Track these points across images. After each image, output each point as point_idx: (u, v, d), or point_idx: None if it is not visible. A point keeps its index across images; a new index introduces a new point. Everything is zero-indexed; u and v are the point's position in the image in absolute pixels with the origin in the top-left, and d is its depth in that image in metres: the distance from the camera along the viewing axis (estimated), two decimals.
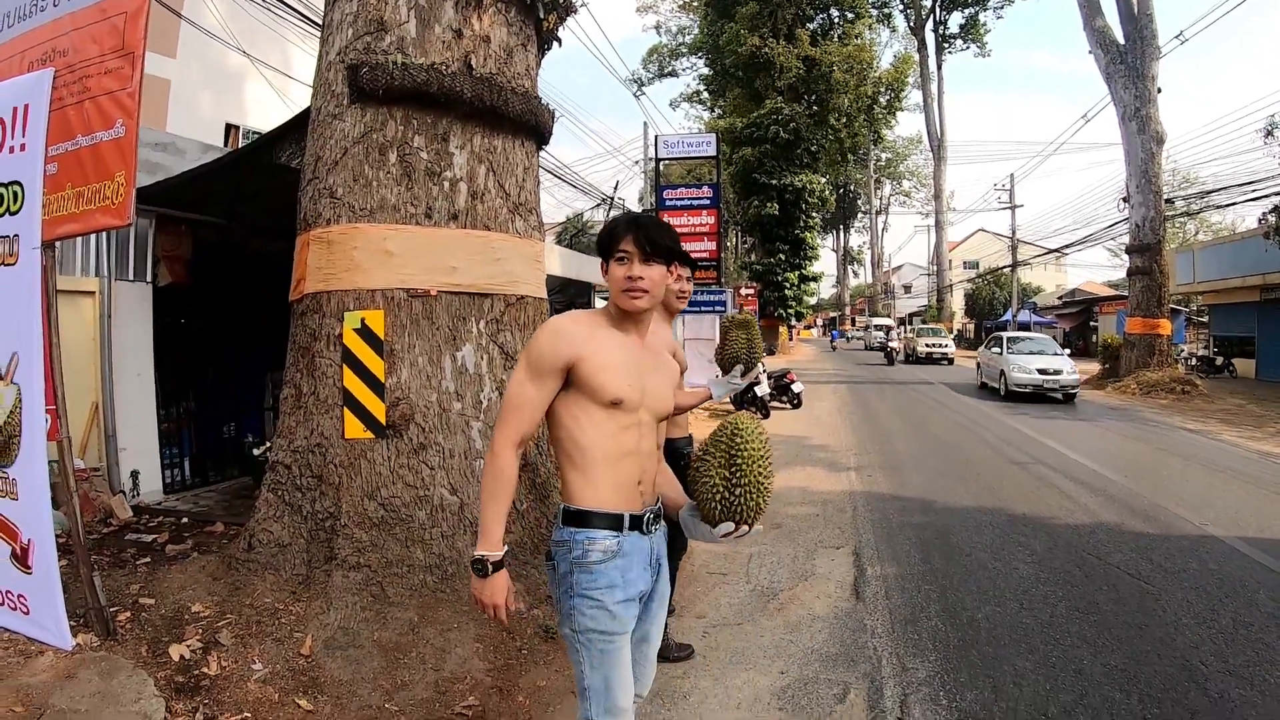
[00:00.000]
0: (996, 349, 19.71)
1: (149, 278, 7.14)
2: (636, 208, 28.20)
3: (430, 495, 4.21)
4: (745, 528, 2.12)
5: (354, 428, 4.19)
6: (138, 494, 6.88)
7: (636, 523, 2.17)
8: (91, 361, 6.64)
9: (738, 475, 2.06)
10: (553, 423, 2.18)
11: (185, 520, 6.17)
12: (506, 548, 2.13)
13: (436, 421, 4.29)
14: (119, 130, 3.68)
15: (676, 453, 4.02)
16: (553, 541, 2.21)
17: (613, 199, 23.89)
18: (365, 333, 4.22)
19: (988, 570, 5.40)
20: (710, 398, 3.61)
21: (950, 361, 32.13)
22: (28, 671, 3.43)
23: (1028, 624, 4.47)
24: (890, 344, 32.81)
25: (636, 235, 2.13)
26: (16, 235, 3.68)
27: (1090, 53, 21.48)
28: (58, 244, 4.15)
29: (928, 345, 33.07)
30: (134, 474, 6.89)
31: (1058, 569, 5.41)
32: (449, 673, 3.60)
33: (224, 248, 7.96)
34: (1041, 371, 17.44)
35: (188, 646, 3.67)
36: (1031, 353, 18.71)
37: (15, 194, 3.70)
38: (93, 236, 6.66)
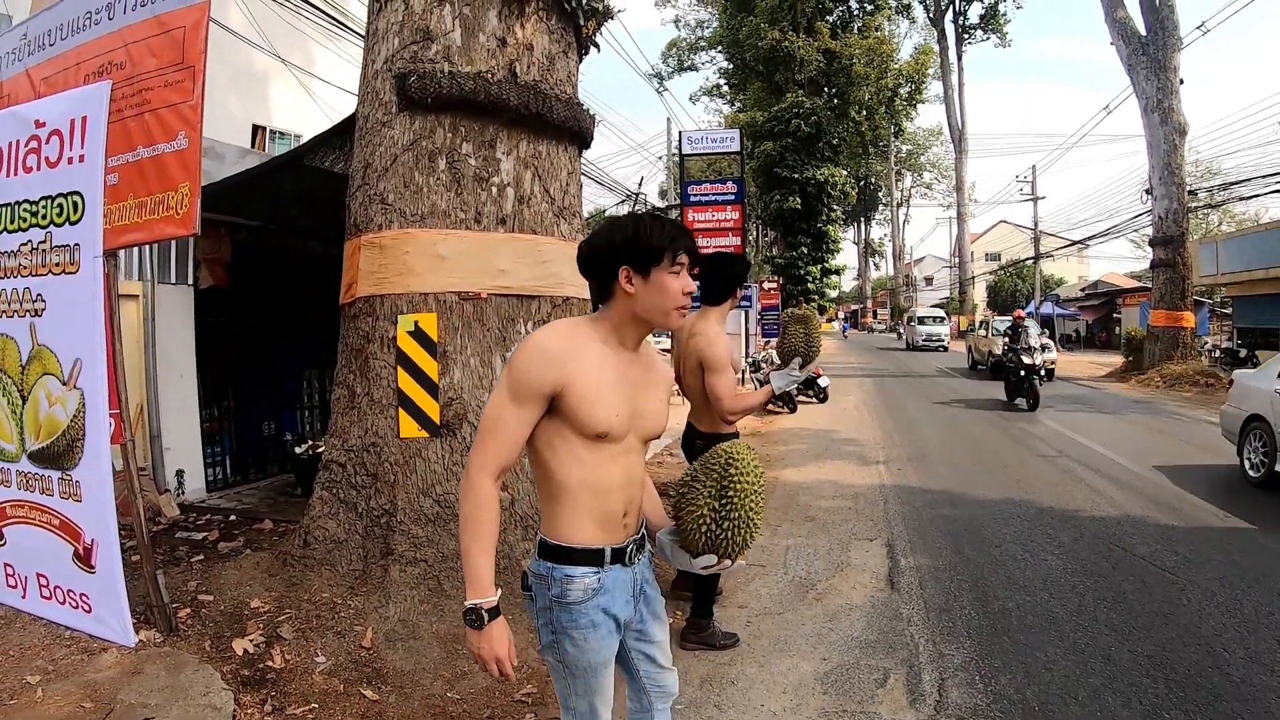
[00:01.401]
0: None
1: (190, 280, 7.31)
2: (659, 204, 28.26)
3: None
4: (727, 561, 1.98)
5: (409, 427, 4.33)
6: (183, 492, 7.06)
7: (619, 555, 2.01)
8: (137, 363, 6.80)
9: (728, 509, 1.90)
10: (530, 450, 1.99)
11: (233, 518, 6.34)
12: (500, 591, 1.91)
13: None
14: (181, 142, 3.81)
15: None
16: (531, 571, 2.04)
17: (637, 195, 23.94)
18: (419, 335, 4.36)
19: (1017, 561, 5.51)
20: (774, 394, 3.68)
21: (945, 349, 36.67)
22: (93, 668, 3.57)
23: (1057, 612, 4.58)
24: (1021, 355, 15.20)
25: (691, 246, 1.97)
26: (78, 244, 3.77)
27: (1112, 44, 21.36)
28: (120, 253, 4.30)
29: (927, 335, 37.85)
30: (179, 473, 7.07)
31: (1085, 560, 5.51)
32: None
33: (261, 250, 8.13)
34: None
35: (250, 641, 3.81)
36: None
37: (75, 204, 3.79)
38: None
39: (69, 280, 3.82)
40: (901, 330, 48.99)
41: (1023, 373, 14.16)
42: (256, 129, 14.85)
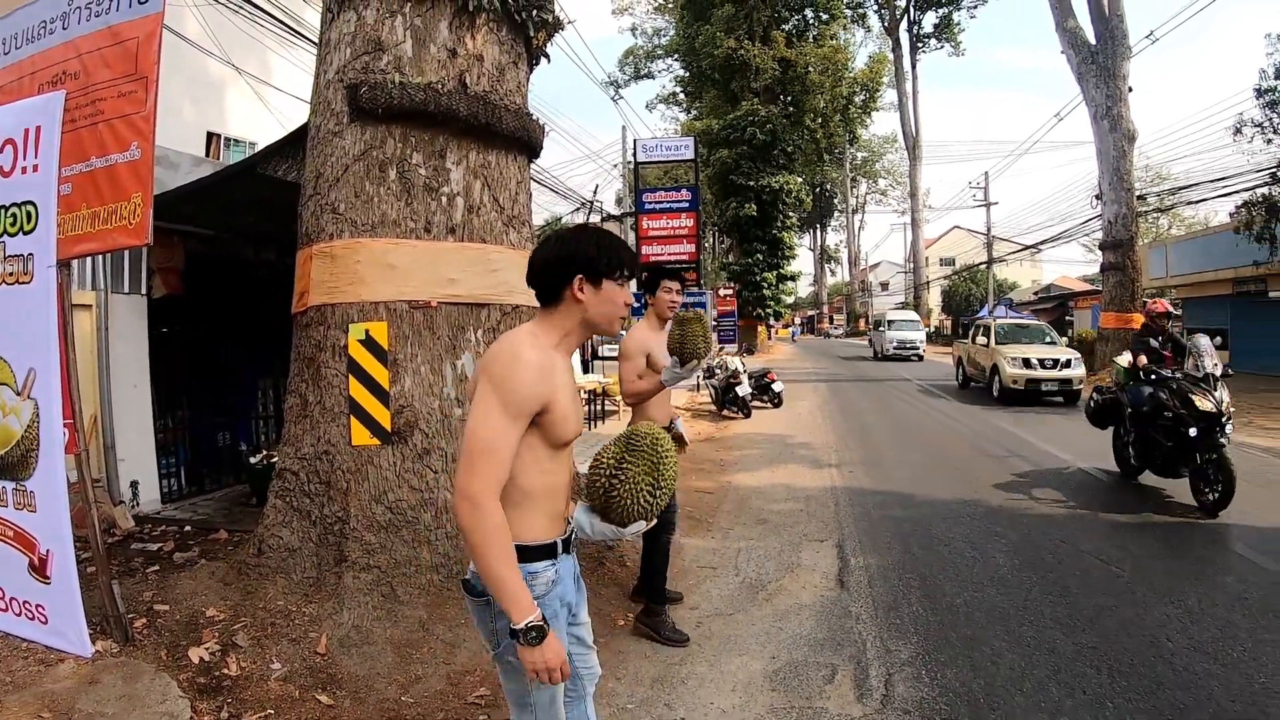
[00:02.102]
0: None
1: (144, 290, 7.26)
2: (615, 210, 28.41)
3: (434, 498, 4.40)
4: (646, 523, 2.13)
5: (361, 435, 4.37)
6: (137, 504, 6.99)
7: (565, 545, 2.15)
8: (90, 374, 6.74)
9: (661, 480, 2.08)
10: None
11: (188, 528, 6.31)
12: (539, 609, 1.94)
13: (439, 427, 4.48)
14: (134, 153, 3.82)
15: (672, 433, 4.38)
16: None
17: (592, 203, 24.07)
18: (370, 343, 4.40)
19: (965, 559, 5.65)
20: (663, 385, 4.05)
21: (920, 358, 31.77)
22: (50, 678, 3.57)
23: (1003, 607, 4.71)
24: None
25: (634, 259, 2.20)
26: (31, 254, 3.78)
27: (1062, 53, 21.85)
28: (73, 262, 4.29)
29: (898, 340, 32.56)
30: (134, 484, 7.01)
31: (1032, 556, 5.66)
32: (460, 666, 3.80)
33: (216, 258, 8.08)
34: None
35: (206, 649, 3.81)
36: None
37: (29, 213, 3.79)
38: None
39: (22, 290, 3.82)
40: (870, 337, 42.40)
41: (1193, 430, 6.74)
42: (211, 136, 14.70)
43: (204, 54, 12.31)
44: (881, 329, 34.84)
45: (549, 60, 5.48)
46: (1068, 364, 15.78)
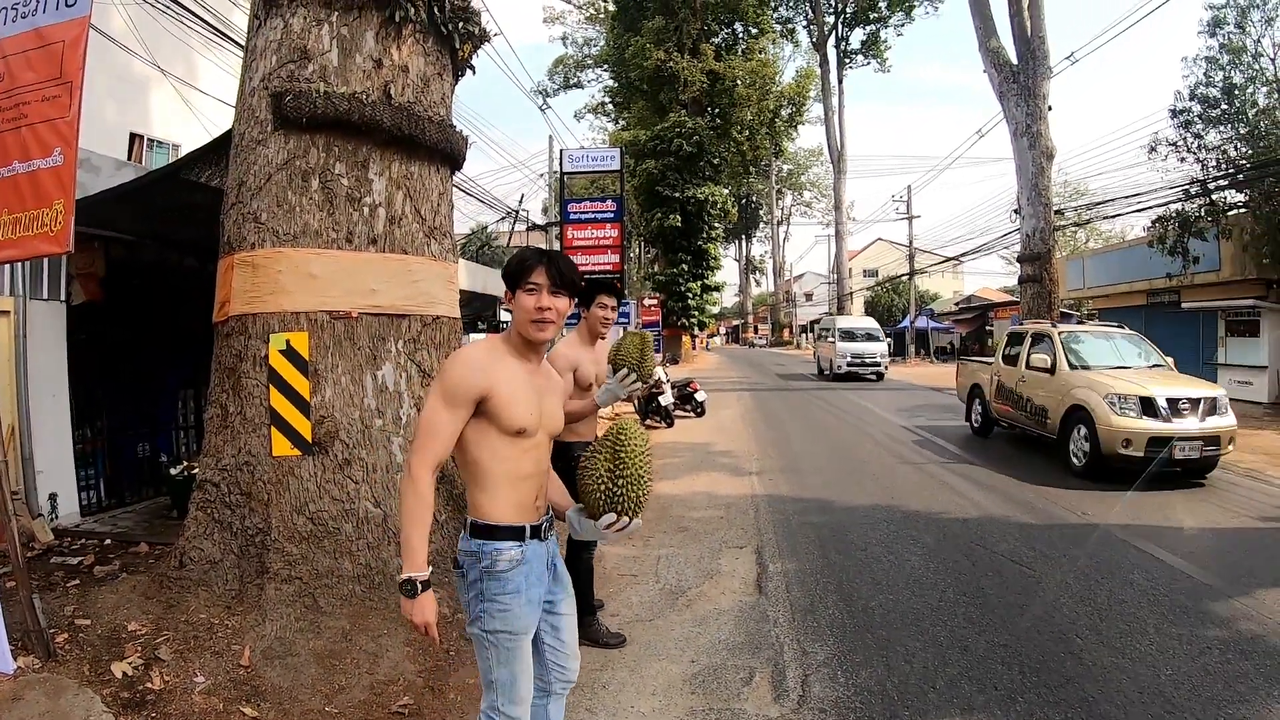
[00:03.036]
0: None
1: (63, 296, 7.09)
2: (540, 220, 28.41)
3: (356, 509, 4.41)
4: (626, 519, 2.35)
5: (281, 445, 4.36)
6: (56, 517, 6.81)
7: (535, 532, 2.40)
8: (8, 383, 6.55)
9: (620, 468, 2.31)
10: (459, 447, 2.34)
11: (108, 541, 6.17)
12: (431, 568, 2.26)
13: (360, 438, 4.50)
14: (57, 158, 3.79)
15: (572, 456, 4.38)
16: (461, 551, 2.39)
17: (518, 212, 24.02)
18: (290, 354, 4.39)
19: (881, 563, 5.84)
20: (597, 406, 4.02)
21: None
22: None
23: (918, 609, 4.90)
24: None
25: (548, 268, 2.33)
26: None
27: (985, 72, 22.41)
28: None
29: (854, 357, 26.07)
30: (52, 497, 6.83)
31: (947, 559, 5.88)
32: (383, 675, 3.82)
33: (137, 265, 7.93)
34: None
35: (129, 664, 3.78)
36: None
37: None
38: None
39: None
40: (814, 349, 34.08)
41: None
42: (134, 137, 14.38)
43: (129, 53, 12.02)
44: (829, 339, 27.58)
45: (474, 72, 5.54)
46: (1213, 408, 8.80)
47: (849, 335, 27.03)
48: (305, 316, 4.46)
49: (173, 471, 7.24)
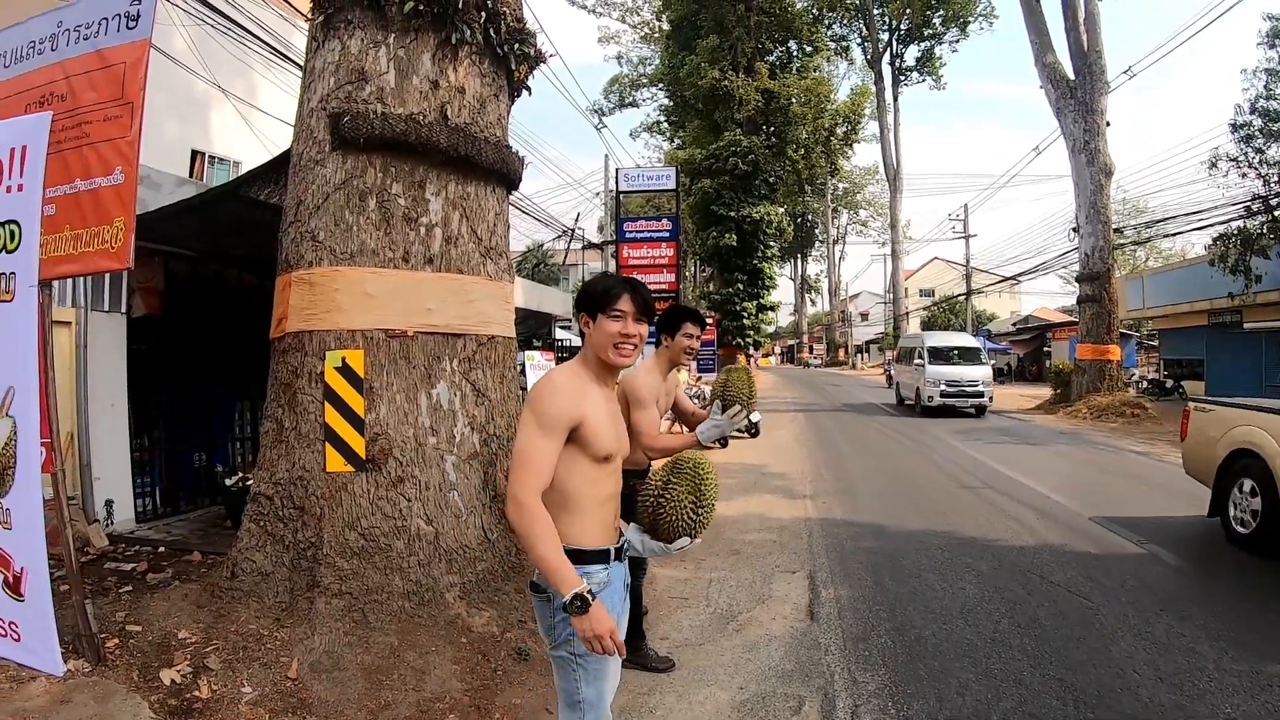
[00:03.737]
0: None
1: (124, 309, 7.27)
2: (596, 239, 28.46)
3: (407, 525, 4.43)
4: (694, 540, 2.46)
5: (335, 461, 4.40)
6: (111, 523, 6.96)
7: (618, 553, 2.45)
8: (68, 392, 6.72)
9: (702, 498, 2.42)
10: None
11: (162, 549, 6.28)
12: (585, 581, 2.20)
13: (413, 455, 4.52)
14: (118, 177, 3.86)
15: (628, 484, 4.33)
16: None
17: (573, 230, 24.14)
18: (346, 371, 4.44)
19: (935, 591, 5.72)
20: (699, 443, 3.81)
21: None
22: (21, 697, 3.56)
23: (971, 639, 4.77)
24: None
25: (634, 296, 2.38)
26: (14, 273, 3.77)
27: (1041, 87, 22.19)
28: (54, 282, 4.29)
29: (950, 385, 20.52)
30: (108, 503, 6.98)
31: (1002, 588, 5.73)
32: (429, 693, 3.81)
33: (197, 279, 8.10)
34: None
35: (178, 671, 3.81)
36: None
37: (12, 233, 3.79)
38: None
39: (4, 308, 3.81)
40: (892, 371, 30.13)
41: None
42: (195, 154, 14.72)
43: (190, 73, 12.35)
44: (918, 361, 21.98)
45: (530, 93, 5.57)
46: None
47: (941, 355, 21.47)
48: (361, 334, 4.51)
49: (228, 482, 7.35)
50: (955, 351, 21.70)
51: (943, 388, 20.34)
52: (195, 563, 5.77)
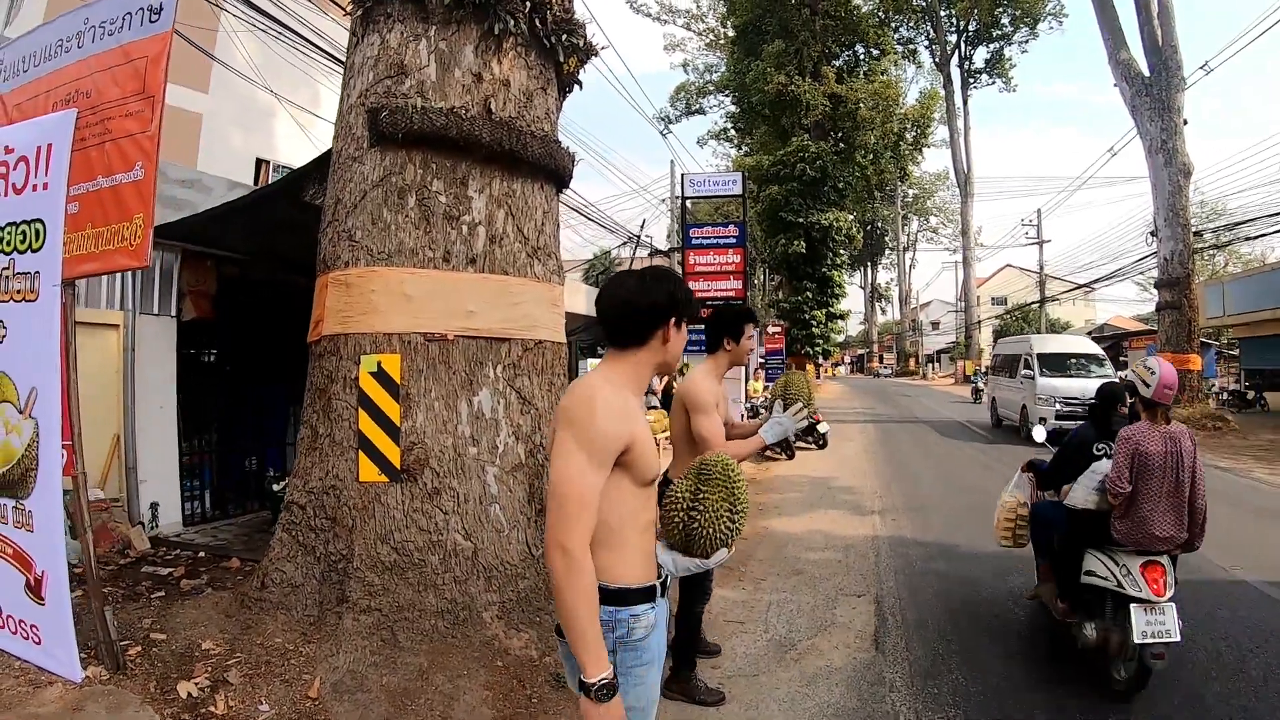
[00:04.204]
0: None
1: (173, 312, 7.25)
2: (663, 245, 28.15)
3: (444, 540, 4.19)
4: (732, 550, 2.21)
5: (368, 471, 4.19)
6: (156, 525, 6.94)
7: (663, 589, 2.15)
8: (114, 394, 6.73)
9: (736, 504, 2.14)
10: None
11: (202, 554, 6.21)
12: (612, 669, 1.89)
13: (451, 466, 4.28)
14: (138, 173, 3.75)
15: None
16: None
17: (639, 238, 23.85)
18: (381, 376, 4.22)
19: (1012, 622, 5.27)
20: (765, 446, 3.80)
21: None
22: (36, 702, 3.48)
23: (1050, 678, 4.34)
24: None
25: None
26: (38, 272, 3.73)
27: (1115, 86, 21.35)
28: (80, 281, 4.21)
29: None
30: (153, 505, 6.95)
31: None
32: None
33: (248, 283, 8.06)
34: None
35: (195, 684, 3.70)
36: None
37: (37, 231, 3.75)
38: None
39: (28, 308, 3.78)
40: (983, 385, 25.95)
41: None
42: (260, 162, 14.90)
43: (251, 84, 12.47)
44: (1025, 373, 17.63)
45: (581, 87, 5.33)
46: None
47: (1056, 365, 17.21)
48: (398, 338, 4.29)
49: (275, 487, 7.26)
50: (1075, 360, 17.57)
51: (1059, 407, 15.83)
52: (233, 569, 5.67)
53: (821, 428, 14.98)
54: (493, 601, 4.21)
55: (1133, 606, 3.94)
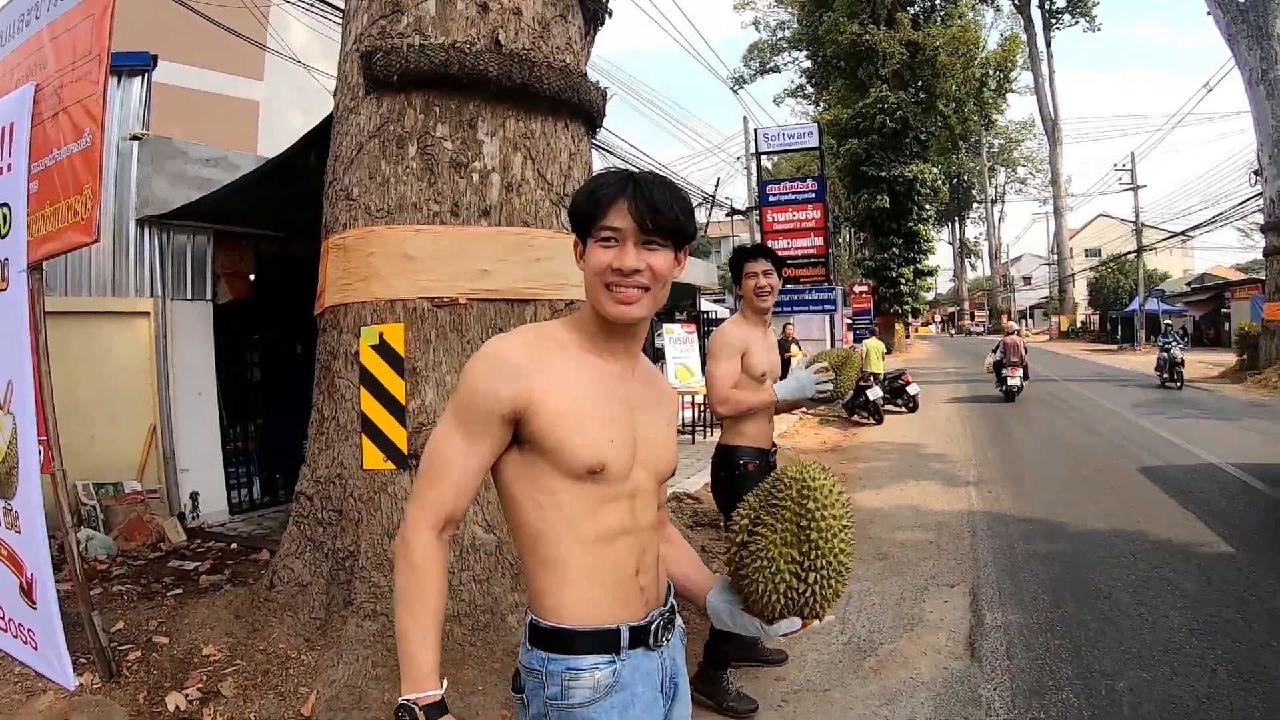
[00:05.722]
0: None
1: (208, 295, 6.95)
2: (742, 205, 27.16)
3: (460, 534, 3.65)
4: (814, 621, 1.40)
5: (373, 457, 3.69)
6: (198, 515, 6.70)
7: (639, 636, 1.45)
8: (148, 383, 6.48)
9: (813, 557, 1.32)
10: (504, 499, 1.48)
11: (234, 546, 5.92)
12: (446, 683, 1.35)
13: None
14: (86, 140, 3.36)
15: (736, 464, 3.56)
16: (521, 665, 1.48)
17: (714, 198, 22.89)
18: (384, 349, 3.71)
19: (1130, 619, 4.46)
20: (777, 402, 3.40)
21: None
22: (25, 712, 3.34)
23: (1181, 698, 3.53)
24: None
25: (633, 204, 1.38)
26: (6, 259, 3.55)
27: (1209, 13, 19.74)
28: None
29: None
30: (194, 495, 6.72)
31: (1213, 616, 4.44)
32: None
33: (288, 260, 7.72)
34: None
35: (186, 696, 3.39)
36: None
37: (4, 216, 3.56)
38: (146, 257, 6.53)
39: (1, 298, 3.58)
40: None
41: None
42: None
43: (305, 68, 12.26)
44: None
45: (611, 15, 4.70)
46: None
47: None
48: (401, 305, 3.75)
49: None
50: None
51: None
52: (261, 562, 5.33)
53: (912, 389, 14.29)
54: (519, 602, 3.67)
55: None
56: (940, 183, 33.98)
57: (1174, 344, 18.01)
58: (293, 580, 3.87)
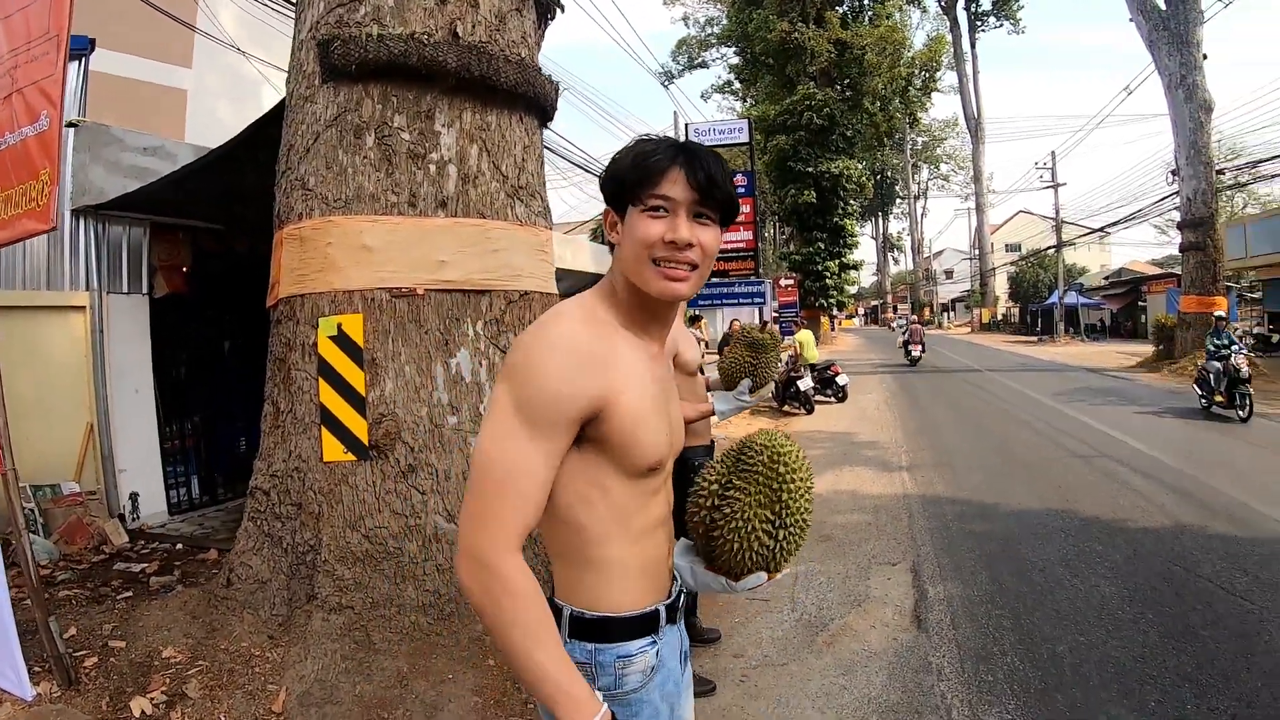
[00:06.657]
0: None
1: (145, 289, 6.76)
2: None
3: (423, 524, 3.68)
4: (778, 575, 1.45)
5: (333, 449, 3.68)
6: (138, 517, 6.51)
7: (671, 613, 1.47)
8: (84, 379, 6.28)
9: (784, 515, 1.38)
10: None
11: (179, 547, 5.79)
12: (605, 705, 1.25)
13: (428, 439, 3.76)
14: (43, 123, 3.27)
15: (688, 464, 3.57)
16: None
17: None
18: (342, 340, 3.70)
19: (1065, 588, 4.71)
20: (714, 414, 3.40)
21: None
22: None
23: (1117, 657, 3.79)
24: None
25: (690, 174, 1.30)
26: None
27: (1131, 20, 20.55)
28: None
29: None
30: (133, 496, 6.53)
31: (1143, 585, 4.71)
32: None
33: (227, 254, 7.54)
34: None
35: (150, 700, 3.29)
36: None
37: None
38: (82, 248, 6.32)
39: None
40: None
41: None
42: None
43: (241, 54, 11.96)
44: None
45: (563, 10, 4.75)
46: None
47: None
48: (360, 295, 3.75)
49: None
50: None
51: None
52: (209, 562, 5.24)
53: (841, 380, 14.55)
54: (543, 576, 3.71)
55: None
56: (865, 178, 34.59)
57: (1232, 348, 11.73)
58: (251, 577, 3.83)
